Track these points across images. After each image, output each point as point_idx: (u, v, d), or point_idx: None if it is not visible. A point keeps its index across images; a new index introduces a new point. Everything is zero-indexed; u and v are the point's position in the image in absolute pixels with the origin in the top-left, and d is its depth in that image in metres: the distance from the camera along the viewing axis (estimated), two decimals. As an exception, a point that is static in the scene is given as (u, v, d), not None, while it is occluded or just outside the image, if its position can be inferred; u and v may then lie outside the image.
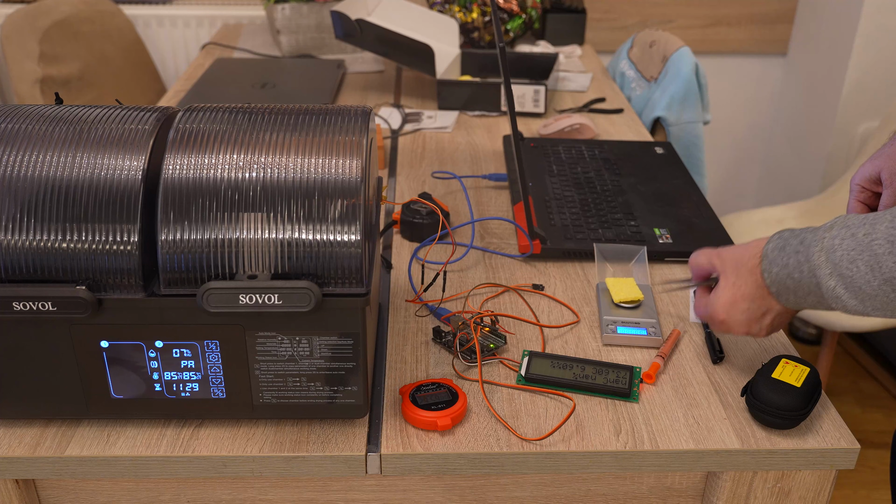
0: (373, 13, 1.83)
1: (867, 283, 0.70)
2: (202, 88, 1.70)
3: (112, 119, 0.76)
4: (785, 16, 2.53)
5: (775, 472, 0.79)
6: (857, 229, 0.71)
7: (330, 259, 0.71)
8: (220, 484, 0.80)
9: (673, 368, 0.88)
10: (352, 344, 0.74)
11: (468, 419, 0.80)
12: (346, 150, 0.74)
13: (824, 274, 0.72)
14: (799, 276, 0.75)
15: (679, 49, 1.73)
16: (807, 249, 0.74)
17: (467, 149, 1.45)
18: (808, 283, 0.74)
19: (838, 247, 0.72)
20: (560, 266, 1.08)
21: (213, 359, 0.74)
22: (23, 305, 0.69)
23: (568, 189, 1.26)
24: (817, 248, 0.73)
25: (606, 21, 2.53)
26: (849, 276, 0.71)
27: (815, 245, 0.74)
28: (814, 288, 0.74)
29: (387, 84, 1.82)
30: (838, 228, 0.73)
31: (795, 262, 0.75)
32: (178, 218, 0.70)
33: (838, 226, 0.73)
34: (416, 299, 1.00)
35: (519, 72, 1.81)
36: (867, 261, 0.69)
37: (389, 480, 0.81)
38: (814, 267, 0.73)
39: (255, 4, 2.45)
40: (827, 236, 0.73)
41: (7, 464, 0.76)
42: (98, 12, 2.15)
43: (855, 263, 0.70)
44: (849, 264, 0.71)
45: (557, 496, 0.83)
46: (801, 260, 0.74)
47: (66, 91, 1.95)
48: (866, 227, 0.70)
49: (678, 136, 1.69)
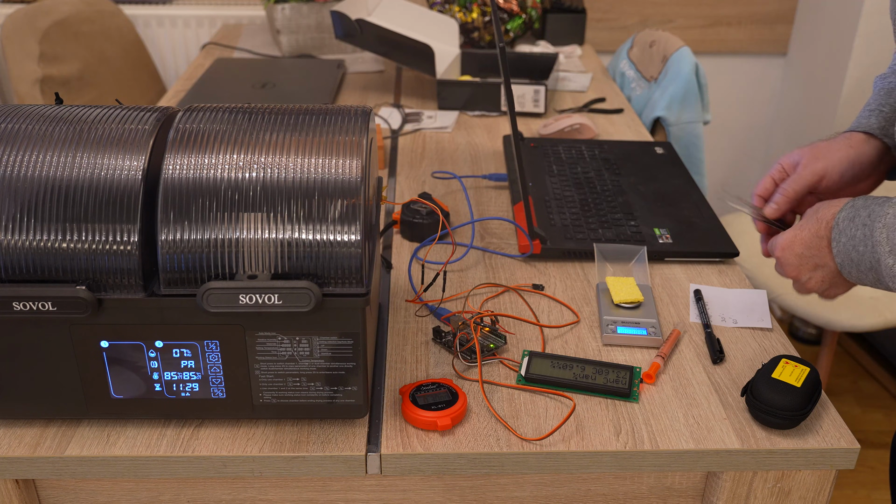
0: (373, 13, 1.83)
1: None
2: (202, 88, 1.70)
3: (112, 119, 0.76)
4: (785, 16, 2.53)
5: (775, 472, 0.79)
6: None
7: (330, 259, 0.71)
8: (220, 484, 0.80)
9: (673, 368, 0.88)
10: (352, 344, 0.74)
11: (468, 419, 0.80)
12: (346, 150, 0.74)
13: (883, 251, 0.72)
14: (863, 250, 0.74)
15: (679, 49, 1.73)
16: (872, 224, 0.74)
17: (467, 149, 1.45)
18: (869, 258, 0.74)
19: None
20: (560, 266, 1.08)
21: (213, 359, 0.74)
22: (23, 305, 0.69)
23: (568, 189, 1.26)
24: (880, 224, 0.73)
25: (606, 21, 2.53)
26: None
27: (879, 220, 0.73)
28: (875, 264, 0.74)
29: (387, 84, 1.82)
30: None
31: (862, 235, 0.75)
32: (178, 218, 0.70)
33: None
34: (416, 299, 1.00)
35: (519, 72, 1.81)
36: None
37: (389, 480, 0.81)
38: (875, 243, 0.73)
39: (255, 4, 2.45)
40: (891, 212, 0.73)
41: (7, 464, 0.76)
42: (98, 12, 2.15)
43: None
44: None
45: (557, 496, 0.83)
46: (866, 234, 0.74)
47: (66, 91, 1.95)
48: None
49: (678, 136, 1.69)
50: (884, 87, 0.95)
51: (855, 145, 0.91)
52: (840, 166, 0.90)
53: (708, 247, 1.09)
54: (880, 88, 0.95)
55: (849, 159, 0.91)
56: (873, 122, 0.92)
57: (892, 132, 0.91)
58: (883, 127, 0.91)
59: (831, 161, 0.91)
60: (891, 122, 0.91)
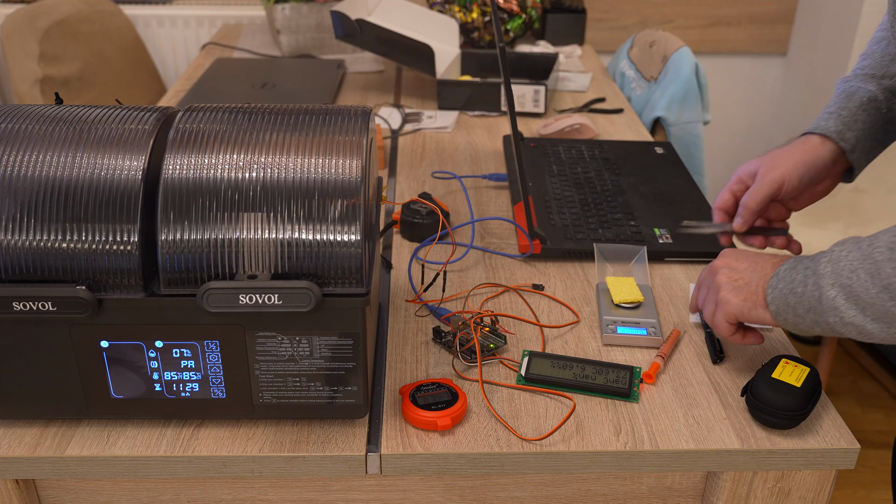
0: (373, 13, 1.84)
1: (866, 291, 0.71)
2: (202, 88, 1.70)
3: (112, 119, 0.76)
4: (785, 16, 2.54)
5: (775, 472, 0.79)
6: (862, 241, 0.73)
7: (330, 259, 0.71)
8: (220, 484, 0.80)
9: (673, 368, 0.88)
10: (352, 344, 0.74)
11: (468, 419, 0.80)
12: (346, 150, 0.74)
13: (827, 284, 0.74)
14: (802, 290, 0.76)
15: (679, 49, 1.73)
16: (816, 264, 0.76)
17: (467, 149, 1.45)
18: (810, 296, 0.75)
19: (844, 258, 0.73)
20: (560, 266, 1.08)
21: (213, 359, 0.74)
22: (23, 305, 0.69)
23: (568, 189, 1.26)
24: (825, 260, 0.75)
25: (606, 21, 2.53)
26: (848, 284, 0.72)
27: (824, 257, 0.75)
28: (815, 303, 0.75)
29: (387, 84, 1.82)
30: (848, 243, 0.74)
31: (803, 276, 0.76)
32: (178, 218, 0.70)
33: (850, 241, 0.75)
34: (416, 299, 1.00)
35: (519, 72, 1.81)
36: (868, 269, 0.71)
37: (389, 480, 0.81)
38: (819, 277, 0.75)
39: (255, 4, 2.45)
40: (836, 249, 0.75)
41: (7, 464, 0.76)
42: (98, 12, 2.15)
43: (856, 272, 0.72)
44: (850, 273, 0.72)
45: (557, 496, 0.83)
46: (808, 274, 0.76)
47: (66, 91, 1.95)
48: (870, 238, 0.72)
49: (678, 136, 1.69)
50: (845, 91, 0.96)
51: (810, 149, 0.94)
52: (797, 171, 0.93)
53: (708, 247, 1.09)
54: (842, 91, 0.97)
55: (805, 163, 0.93)
56: (831, 124, 0.94)
57: (848, 136, 0.93)
58: (840, 131, 0.93)
59: (788, 168, 0.93)
60: (848, 126, 0.93)
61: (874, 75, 0.96)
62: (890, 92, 0.95)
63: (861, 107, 0.94)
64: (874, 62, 0.96)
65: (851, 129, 0.93)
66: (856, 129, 0.93)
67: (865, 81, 0.96)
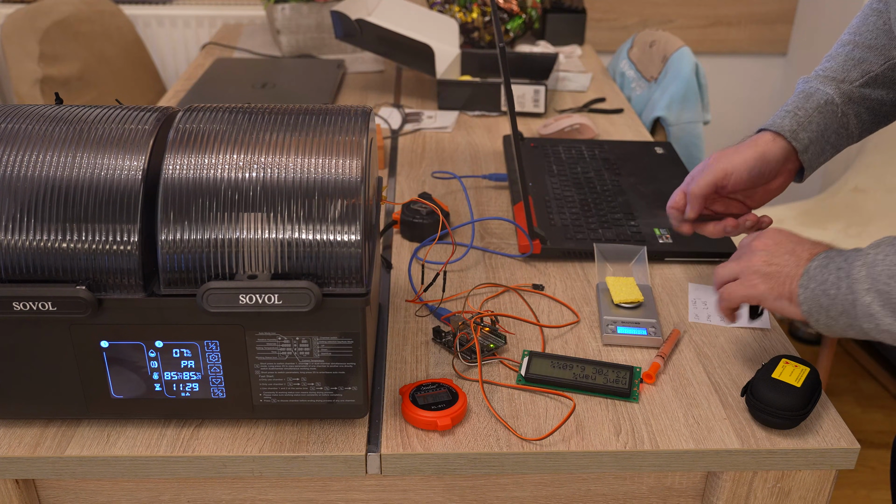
0: (373, 13, 1.84)
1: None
2: (202, 88, 1.70)
3: (112, 119, 0.76)
4: (785, 16, 2.54)
5: (775, 472, 0.79)
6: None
7: (330, 259, 0.71)
8: (220, 484, 0.80)
9: (673, 368, 0.88)
10: (352, 344, 0.74)
11: (468, 419, 0.80)
12: (346, 150, 0.74)
13: (862, 289, 0.72)
14: (835, 293, 0.74)
15: (679, 49, 1.73)
16: (850, 265, 0.74)
17: (467, 149, 1.45)
18: (843, 299, 0.73)
19: (881, 262, 0.71)
20: (560, 266, 1.08)
21: (213, 359, 0.74)
22: (23, 305, 0.69)
23: (568, 189, 1.26)
24: (860, 263, 0.73)
25: (606, 21, 2.53)
26: (886, 290, 0.70)
27: (858, 260, 0.73)
28: (848, 306, 0.73)
29: (387, 84, 1.82)
30: (885, 245, 0.73)
31: (836, 277, 0.74)
32: (178, 218, 0.70)
33: (885, 243, 0.73)
34: (416, 299, 1.00)
35: (519, 72, 1.81)
36: None
37: (389, 480, 0.81)
38: (853, 281, 0.72)
39: (255, 4, 2.45)
40: (872, 252, 0.73)
41: (7, 464, 0.76)
42: (98, 12, 2.15)
43: (894, 278, 0.70)
44: (888, 279, 0.70)
45: (557, 496, 0.83)
46: (841, 276, 0.74)
47: (66, 91, 1.95)
48: None
49: (678, 136, 1.69)
50: (804, 91, 0.96)
51: (762, 144, 0.94)
52: (746, 164, 0.93)
53: (708, 247, 1.09)
54: (801, 91, 0.97)
55: (754, 158, 0.94)
56: (786, 123, 0.94)
57: (801, 136, 0.93)
58: (794, 130, 0.94)
59: (734, 161, 0.94)
60: (803, 126, 0.93)
61: (835, 78, 0.95)
62: (847, 97, 0.95)
63: (818, 109, 0.94)
64: (837, 65, 0.96)
65: (805, 130, 0.93)
66: (810, 129, 0.94)
67: (825, 84, 0.95)
